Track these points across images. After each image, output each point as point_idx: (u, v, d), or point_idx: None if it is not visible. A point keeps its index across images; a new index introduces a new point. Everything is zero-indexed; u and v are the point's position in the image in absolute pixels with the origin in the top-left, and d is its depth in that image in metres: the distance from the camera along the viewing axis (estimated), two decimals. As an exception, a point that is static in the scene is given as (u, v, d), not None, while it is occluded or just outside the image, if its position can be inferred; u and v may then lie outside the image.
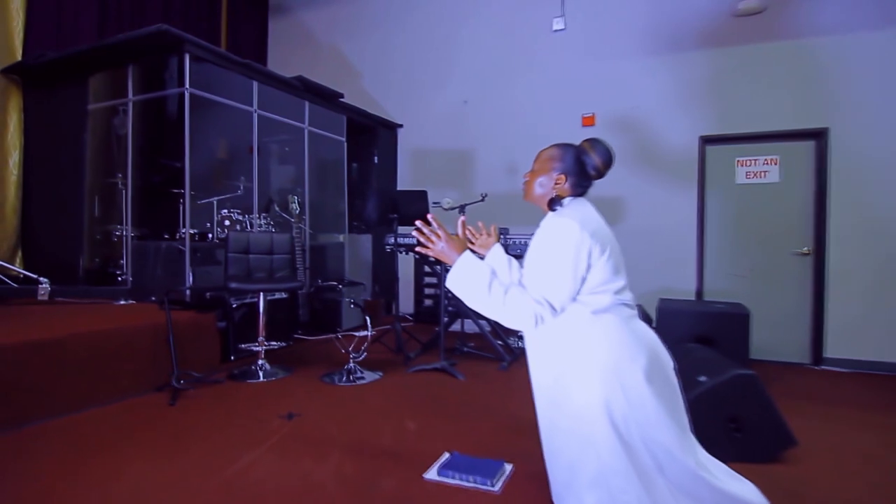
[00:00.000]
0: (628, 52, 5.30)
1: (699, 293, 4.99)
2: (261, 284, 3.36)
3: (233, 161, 5.29)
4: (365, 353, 3.39)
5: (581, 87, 5.47)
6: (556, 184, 1.67)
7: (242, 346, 3.45)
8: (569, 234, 1.50)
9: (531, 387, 1.70)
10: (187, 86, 3.79)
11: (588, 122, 5.36)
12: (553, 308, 1.49)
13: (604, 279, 1.54)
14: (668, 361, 1.60)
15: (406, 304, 6.09)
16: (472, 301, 1.55)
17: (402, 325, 4.44)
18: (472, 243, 2.00)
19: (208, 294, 3.61)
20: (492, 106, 5.92)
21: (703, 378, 2.48)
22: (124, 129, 4.70)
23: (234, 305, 3.64)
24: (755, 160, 4.88)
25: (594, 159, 1.65)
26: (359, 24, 6.74)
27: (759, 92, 4.77)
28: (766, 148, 4.84)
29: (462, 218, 1.81)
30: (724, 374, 2.46)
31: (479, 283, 1.52)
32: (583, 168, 1.67)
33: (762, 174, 4.86)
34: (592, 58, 5.45)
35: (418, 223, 1.62)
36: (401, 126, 6.50)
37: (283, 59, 7.10)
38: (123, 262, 4.23)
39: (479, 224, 2.05)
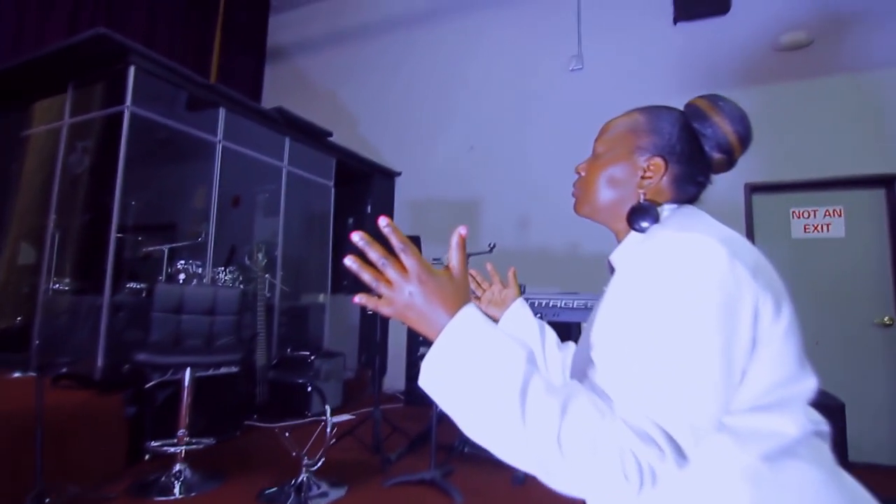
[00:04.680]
0: (655, 91, 4.65)
1: (756, 372, 4.02)
2: (182, 357, 2.42)
3: (197, 205, 4.54)
4: (323, 460, 2.37)
5: (602, 130, 4.82)
6: (644, 177, 0.80)
7: (154, 444, 2.43)
8: (709, 271, 0.62)
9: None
10: (128, 103, 3.05)
11: (611, 168, 4.65)
12: (678, 449, 0.56)
13: (784, 375, 0.66)
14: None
15: (397, 379, 5.10)
16: (477, 427, 0.61)
17: (391, 406, 3.44)
18: (476, 298, 1.16)
19: (124, 367, 2.68)
20: (501, 153, 5.31)
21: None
22: (81, 167, 4.05)
23: (154, 383, 2.68)
24: (814, 211, 4.13)
25: (720, 127, 0.79)
26: (356, 68, 6.29)
27: (814, 133, 4.12)
28: (827, 197, 4.11)
29: (461, 230, 0.69)
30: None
31: (497, 387, 0.58)
32: (697, 146, 0.81)
33: (824, 227, 4.09)
34: (614, 98, 4.82)
35: (355, 236, 0.65)
36: (399, 174, 5.84)
37: (278, 104, 6.58)
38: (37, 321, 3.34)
39: (489, 267, 1.20)
